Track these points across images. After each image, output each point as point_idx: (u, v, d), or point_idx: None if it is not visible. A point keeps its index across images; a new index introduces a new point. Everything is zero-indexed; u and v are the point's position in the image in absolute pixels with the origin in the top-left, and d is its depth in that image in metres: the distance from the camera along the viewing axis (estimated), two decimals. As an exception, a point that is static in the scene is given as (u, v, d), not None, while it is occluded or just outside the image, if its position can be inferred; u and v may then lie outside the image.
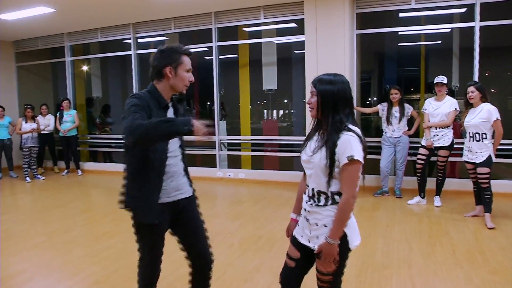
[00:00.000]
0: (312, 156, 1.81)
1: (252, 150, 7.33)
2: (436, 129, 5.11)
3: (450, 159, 5.26)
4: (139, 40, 7.99)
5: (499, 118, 4.33)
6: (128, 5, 6.48)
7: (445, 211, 4.99)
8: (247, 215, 5.03)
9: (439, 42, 7.17)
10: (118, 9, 6.70)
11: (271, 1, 6.48)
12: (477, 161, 4.47)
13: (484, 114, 4.37)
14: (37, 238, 4.30)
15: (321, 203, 1.82)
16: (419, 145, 5.35)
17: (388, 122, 5.74)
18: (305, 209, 1.91)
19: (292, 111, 8.26)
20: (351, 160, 1.70)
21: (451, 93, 6.02)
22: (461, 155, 4.83)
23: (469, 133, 4.53)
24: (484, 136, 4.41)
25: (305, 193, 1.94)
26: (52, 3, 6.11)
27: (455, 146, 5.08)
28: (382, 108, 5.86)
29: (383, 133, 5.87)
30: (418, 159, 5.28)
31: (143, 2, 6.29)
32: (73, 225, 4.77)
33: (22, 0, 5.87)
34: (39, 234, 4.46)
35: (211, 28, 7.14)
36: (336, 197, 1.79)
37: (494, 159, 4.47)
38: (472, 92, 4.46)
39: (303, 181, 2.04)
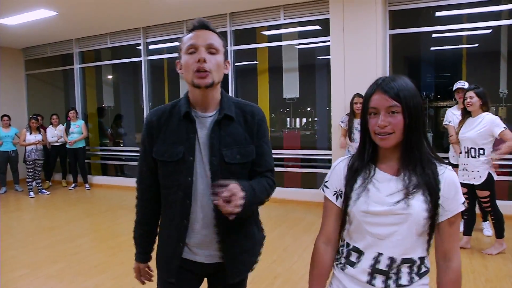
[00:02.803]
0: (406, 204, 1.11)
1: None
2: None
3: (498, 178, 4.33)
4: (150, 46, 7.45)
5: (506, 127, 3.59)
6: (136, 6, 5.93)
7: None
8: (263, 244, 4.32)
9: (481, 44, 6.30)
10: (125, 10, 6.15)
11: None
12: (475, 183, 3.72)
13: (484, 126, 3.61)
14: (19, 270, 3.71)
15: (404, 279, 1.14)
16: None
17: (350, 138, 4.88)
18: None
19: (315, 119, 7.46)
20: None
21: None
22: (508, 173, 4.01)
23: (465, 147, 3.77)
24: (481, 152, 3.66)
25: (355, 266, 1.20)
26: (53, 6, 5.63)
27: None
28: (342, 122, 5.07)
29: (346, 151, 5.03)
30: None
31: (152, 2, 5.73)
32: (63, 253, 4.16)
33: (20, 2, 5.40)
34: (23, 264, 3.87)
35: (226, 31, 6.52)
36: (425, 264, 1.18)
37: (496, 177, 3.71)
38: (471, 98, 3.67)
39: (327, 248, 1.29)
